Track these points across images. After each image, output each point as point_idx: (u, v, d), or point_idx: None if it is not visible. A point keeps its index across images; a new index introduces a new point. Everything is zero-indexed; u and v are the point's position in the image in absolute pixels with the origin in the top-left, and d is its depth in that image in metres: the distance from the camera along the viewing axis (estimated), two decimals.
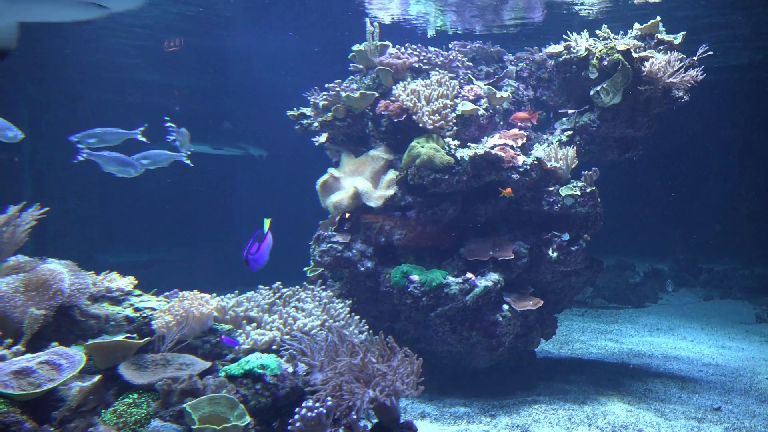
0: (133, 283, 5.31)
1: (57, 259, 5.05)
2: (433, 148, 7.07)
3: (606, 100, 7.65)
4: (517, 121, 7.88)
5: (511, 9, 11.68)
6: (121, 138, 6.65)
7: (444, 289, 7.03)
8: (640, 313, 13.34)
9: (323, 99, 7.76)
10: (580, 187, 7.71)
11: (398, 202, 7.28)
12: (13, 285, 4.14)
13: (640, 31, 7.92)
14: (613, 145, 8.17)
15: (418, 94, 7.27)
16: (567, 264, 7.70)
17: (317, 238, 7.47)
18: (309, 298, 6.62)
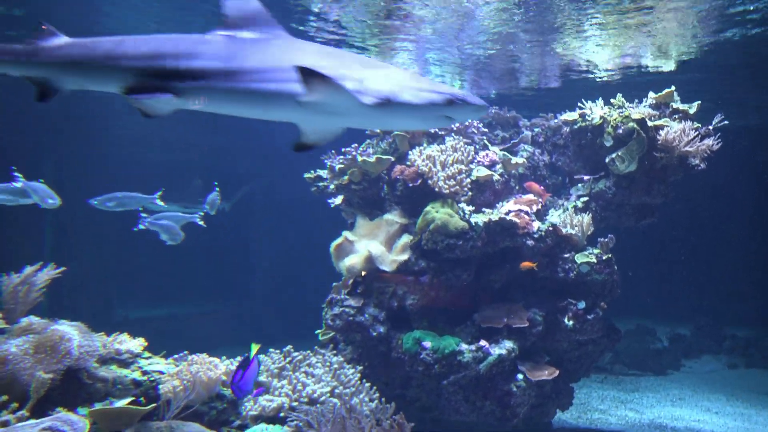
0: (143, 345, 5.30)
1: (69, 320, 5.08)
2: (448, 213, 7.08)
3: (621, 168, 7.65)
4: (530, 190, 7.89)
5: (527, 75, 11.87)
6: (139, 203, 6.79)
7: (457, 356, 6.92)
8: (661, 381, 12.97)
9: (340, 162, 7.86)
10: (596, 255, 7.64)
11: (412, 267, 7.25)
12: (23, 347, 4.15)
13: (655, 99, 7.98)
14: (630, 212, 8.13)
15: (433, 160, 7.33)
16: (583, 333, 7.57)
17: (330, 302, 7.44)
18: (319, 363, 6.55)
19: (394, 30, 9.26)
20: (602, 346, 8.06)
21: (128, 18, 8.81)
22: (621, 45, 9.84)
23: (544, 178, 8.67)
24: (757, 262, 18.91)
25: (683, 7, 8.20)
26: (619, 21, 8.79)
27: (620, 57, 10.52)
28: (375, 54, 10.54)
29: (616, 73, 11.59)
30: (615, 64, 10.96)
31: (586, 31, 9.19)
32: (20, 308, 4.65)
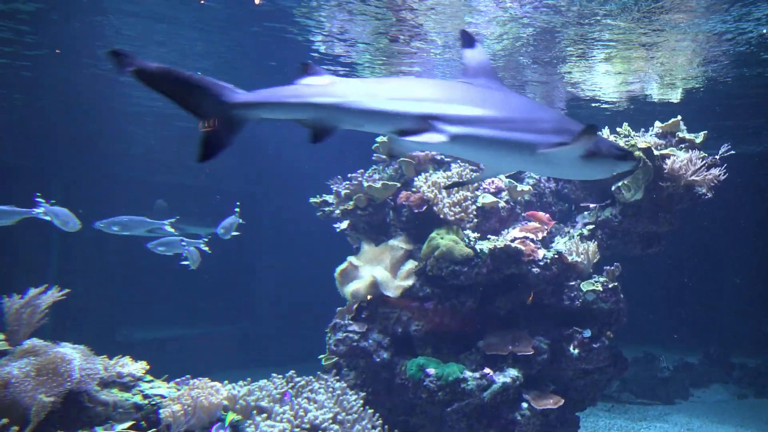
0: (145, 368, 5.29)
1: (72, 342, 5.08)
2: (453, 239, 7.08)
3: (627, 196, 7.64)
4: (534, 219, 7.87)
5: None
6: (146, 227, 6.84)
7: (461, 384, 6.86)
8: (669, 411, 12.80)
9: (346, 188, 7.90)
10: (602, 283, 7.60)
11: (416, 293, 7.23)
12: (24, 369, 4.15)
13: (662, 129, 7.99)
14: (636, 240, 8.10)
15: (439, 186, 7.35)
16: (589, 361, 7.51)
17: (333, 327, 7.42)
18: (322, 389, 6.51)
19: (401, 57, 9.36)
20: (609, 374, 7.98)
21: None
22: (626, 75, 9.91)
23: (550, 206, 8.67)
24: (767, 290, 18.75)
25: (686, 45, 8.26)
26: (624, 53, 8.85)
27: (626, 86, 10.58)
28: (384, 73, 10.63)
29: (622, 102, 11.64)
30: (621, 93, 11.02)
31: (591, 61, 9.25)
32: (23, 330, 4.66)
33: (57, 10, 7.81)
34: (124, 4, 7.58)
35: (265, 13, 7.80)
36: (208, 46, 9.02)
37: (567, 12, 7.70)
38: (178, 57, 9.45)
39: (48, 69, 10.30)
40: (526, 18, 7.91)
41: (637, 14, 7.75)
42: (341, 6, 7.50)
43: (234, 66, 10.09)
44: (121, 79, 10.92)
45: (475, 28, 8.27)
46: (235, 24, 8.13)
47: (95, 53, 9.60)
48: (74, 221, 6.74)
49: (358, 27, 8.25)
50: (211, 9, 7.59)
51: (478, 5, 7.57)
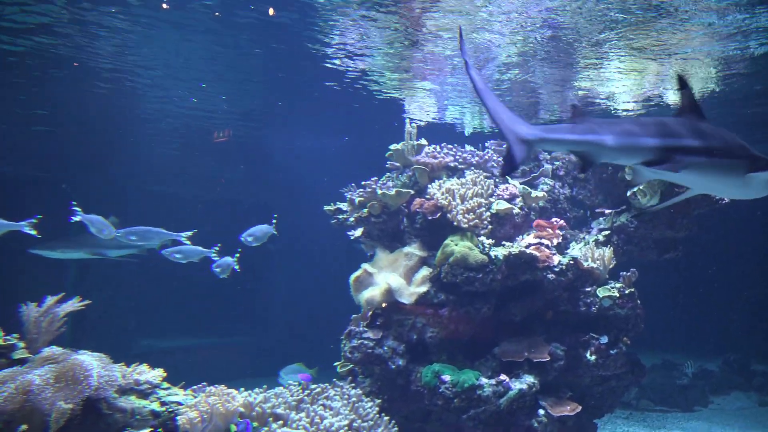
0: (162, 375, 5.33)
1: (90, 351, 5.14)
2: (467, 246, 7.07)
3: (643, 202, 7.60)
4: (540, 227, 7.81)
5: (547, 109, 11.93)
6: (163, 238, 6.92)
7: (477, 390, 6.84)
8: (689, 418, 12.64)
9: (359, 195, 7.92)
10: (619, 289, 7.55)
11: (431, 300, 7.22)
12: (44, 377, 4.21)
13: None
14: (652, 245, 8.05)
15: (452, 193, 7.36)
16: (606, 368, 7.45)
17: (348, 334, 7.43)
18: (337, 396, 6.52)
19: (414, 67, 9.40)
20: (626, 381, 7.91)
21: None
22: (641, 80, 9.87)
23: (565, 212, 8.64)
24: None
25: (701, 52, 8.22)
26: (638, 58, 8.83)
27: (641, 91, 10.54)
28: (396, 91, 10.69)
29: (637, 106, 11.60)
30: (636, 98, 10.98)
31: (605, 68, 9.23)
32: (43, 338, 4.72)
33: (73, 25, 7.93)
34: (139, 18, 7.68)
35: (278, 24, 7.86)
36: (218, 53, 9.08)
37: (577, 25, 7.71)
38: (187, 64, 9.54)
39: (64, 81, 10.46)
40: (539, 30, 7.91)
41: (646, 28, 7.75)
42: (356, 21, 7.56)
43: (243, 72, 10.17)
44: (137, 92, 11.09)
45: (488, 39, 8.28)
46: (246, 31, 8.19)
47: (110, 67, 9.75)
48: (109, 228, 6.90)
49: (374, 39, 8.30)
50: (222, 19, 7.67)
51: (492, 19, 7.56)
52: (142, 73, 9.86)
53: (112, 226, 6.99)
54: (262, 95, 11.57)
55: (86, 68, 9.70)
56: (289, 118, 13.29)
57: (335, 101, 11.48)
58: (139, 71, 9.79)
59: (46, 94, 11.08)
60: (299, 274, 18.41)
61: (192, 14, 7.45)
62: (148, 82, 10.36)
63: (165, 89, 10.85)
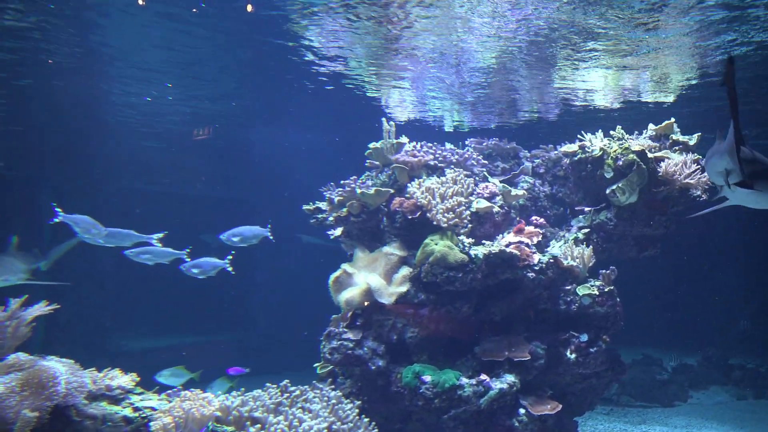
0: (135, 380, 5.21)
1: (65, 352, 5.01)
2: (447, 245, 7.02)
3: (622, 200, 7.60)
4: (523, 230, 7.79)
5: (527, 107, 11.91)
6: (133, 240, 6.78)
7: (457, 391, 6.79)
8: (669, 414, 12.71)
9: (339, 194, 7.83)
10: (598, 287, 7.55)
11: (411, 299, 7.17)
12: (9, 385, 4.08)
13: (655, 131, 7.96)
14: (631, 243, 8.06)
15: (432, 192, 7.30)
16: (586, 366, 7.45)
17: (328, 335, 7.34)
18: (317, 398, 6.43)
19: (393, 65, 9.32)
20: (606, 379, 7.93)
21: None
22: (619, 79, 9.88)
23: (545, 209, 8.63)
24: (765, 290, 18.72)
25: (682, 46, 8.24)
26: (617, 56, 8.82)
27: (619, 89, 10.56)
28: (374, 88, 10.59)
29: (616, 104, 11.63)
30: (614, 96, 11.00)
31: (584, 64, 9.22)
32: (9, 344, 4.58)
33: (53, 22, 7.75)
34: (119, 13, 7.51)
35: (257, 21, 7.74)
36: (194, 48, 8.94)
37: (557, 27, 7.67)
38: (167, 58, 9.38)
39: (41, 79, 10.24)
40: (518, 32, 7.87)
41: (627, 28, 7.74)
42: (335, 18, 7.45)
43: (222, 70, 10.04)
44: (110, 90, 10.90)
45: (466, 41, 8.22)
46: (226, 30, 8.06)
47: (91, 65, 9.57)
48: (97, 227, 6.73)
49: (353, 38, 8.21)
50: (204, 14, 7.53)
51: (471, 22, 7.50)
52: (115, 66, 9.68)
53: (99, 225, 6.79)
54: (239, 92, 11.44)
55: (59, 64, 9.50)
56: (268, 116, 13.16)
57: (313, 99, 11.38)
58: (114, 64, 9.60)
59: (15, 91, 10.85)
60: (283, 271, 18.28)
61: (170, 8, 7.29)
62: (120, 76, 10.17)
63: (138, 84, 10.67)
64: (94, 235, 6.82)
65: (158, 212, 15.00)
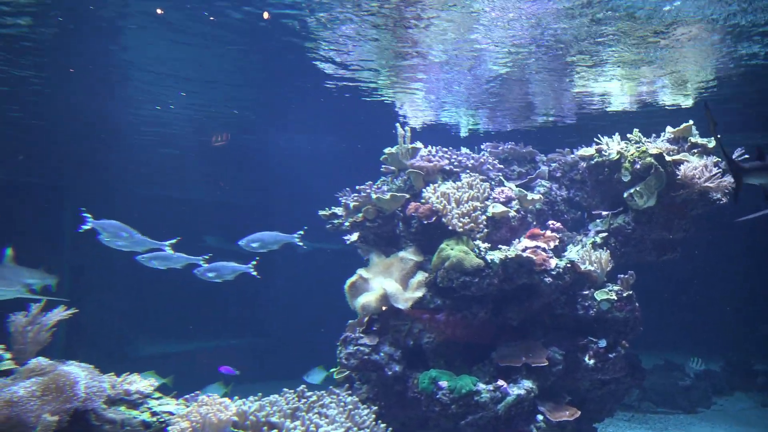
0: (154, 385, 5.26)
1: (86, 357, 5.07)
2: (463, 250, 7.00)
3: (640, 203, 7.53)
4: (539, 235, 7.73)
5: (543, 110, 11.86)
6: (147, 246, 6.82)
7: (474, 396, 6.76)
8: (692, 420, 12.54)
9: (354, 200, 7.85)
10: (617, 291, 7.48)
11: (427, 305, 7.16)
12: (30, 389, 4.14)
13: (673, 134, 7.88)
14: (650, 247, 7.98)
15: (447, 197, 7.29)
16: (605, 372, 7.38)
17: (344, 340, 7.35)
18: (334, 404, 6.44)
19: (407, 69, 9.33)
20: (626, 384, 7.85)
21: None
22: (636, 83, 9.81)
23: (562, 214, 8.58)
24: None
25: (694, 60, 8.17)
26: (634, 58, 8.76)
27: (636, 93, 10.47)
28: (389, 94, 10.62)
29: (633, 108, 11.53)
30: (630, 99, 10.92)
31: (601, 68, 9.17)
32: (30, 348, 4.66)
33: (73, 31, 7.88)
34: (138, 22, 7.62)
35: (272, 28, 7.79)
36: (211, 56, 9.03)
37: (572, 32, 7.64)
38: (184, 67, 9.49)
39: (62, 88, 10.41)
40: (533, 38, 7.84)
41: (642, 33, 7.68)
42: (348, 23, 7.48)
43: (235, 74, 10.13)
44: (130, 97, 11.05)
45: (480, 45, 8.21)
46: (242, 35, 8.13)
47: (110, 73, 9.71)
48: (127, 230, 6.75)
49: (368, 45, 8.23)
50: (219, 23, 7.61)
51: (484, 25, 7.48)
52: (133, 75, 9.81)
53: (130, 228, 6.80)
54: (256, 99, 11.53)
55: (80, 73, 9.65)
56: (284, 122, 13.24)
57: (328, 105, 11.43)
58: (132, 73, 9.73)
59: (40, 102, 11.04)
60: (300, 276, 18.32)
61: (186, 17, 7.37)
62: (140, 85, 10.31)
63: (157, 92, 10.81)
64: (123, 240, 6.84)
65: (170, 216, 15.15)
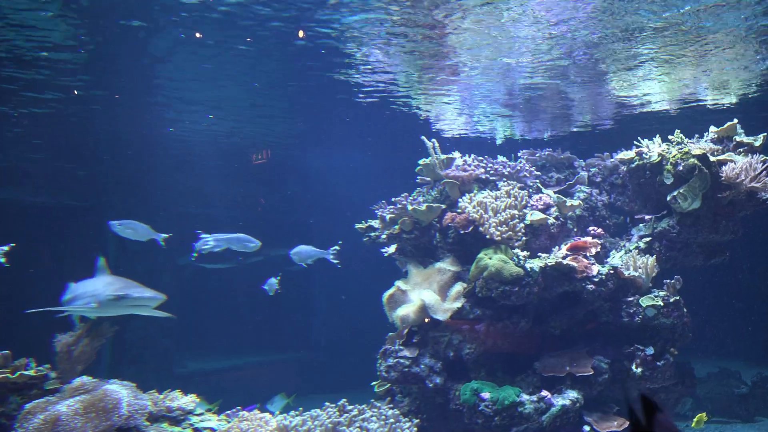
0: (195, 401, 5.32)
1: (128, 376, 5.17)
2: (502, 259, 6.91)
3: (684, 206, 7.31)
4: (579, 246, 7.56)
5: (580, 115, 11.67)
6: (150, 236, 7.07)
7: (518, 408, 6.64)
8: (750, 429, 12.06)
9: (390, 212, 7.83)
10: (663, 297, 7.27)
11: (467, 315, 7.08)
12: (73, 407, 4.24)
13: (717, 134, 7.65)
14: (697, 251, 7.74)
15: (484, 206, 7.22)
16: (653, 380, 7.16)
17: (384, 353, 7.32)
18: (375, 417, 6.41)
19: (442, 81, 9.30)
20: (677, 393, 7.62)
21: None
22: (676, 83, 9.56)
23: (604, 219, 8.40)
24: None
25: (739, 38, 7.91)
26: (672, 59, 8.55)
27: (677, 94, 10.22)
28: (423, 98, 10.61)
29: (673, 109, 11.26)
30: (671, 100, 10.65)
31: (638, 71, 8.97)
32: (75, 367, 4.77)
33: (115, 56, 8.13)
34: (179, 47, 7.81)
35: (306, 46, 7.88)
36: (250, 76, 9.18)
37: (608, 31, 7.50)
38: (220, 87, 9.67)
39: (105, 112, 10.74)
40: (566, 37, 7.72)
41: (683, 29, 7.49)
42: (381, 40, 7.52)
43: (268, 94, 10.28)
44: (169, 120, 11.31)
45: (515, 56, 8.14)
46: (275, 55, 8.24)
47: (150, 98, 9.98)
48: (255, 242, 7.51)
49: (401, 58, 8.25)
50: (253, 43, 7.73)
51: (517, 32, 7.41)
52: (172, 98, 10.05)
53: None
54: (291, 117, 11.69)
55: (124, 99, 9.95)
56: (320, 138, 13.39)
57: (363, 120, 11.50)
58: (171, 96, 9.97)
59: (80, 128, 11.42)
60: (342, 290, 18.39)
61: (226, 39, 7.52)
62: (176, 104, 10.55)
63: (193, 114, 11.05)
64: (250, 249, 7.70)
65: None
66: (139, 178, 13.72)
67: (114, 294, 5.01)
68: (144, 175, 13.80)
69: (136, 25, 6.99)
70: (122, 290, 5.03)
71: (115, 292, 5.00)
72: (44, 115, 10.51)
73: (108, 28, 7.20)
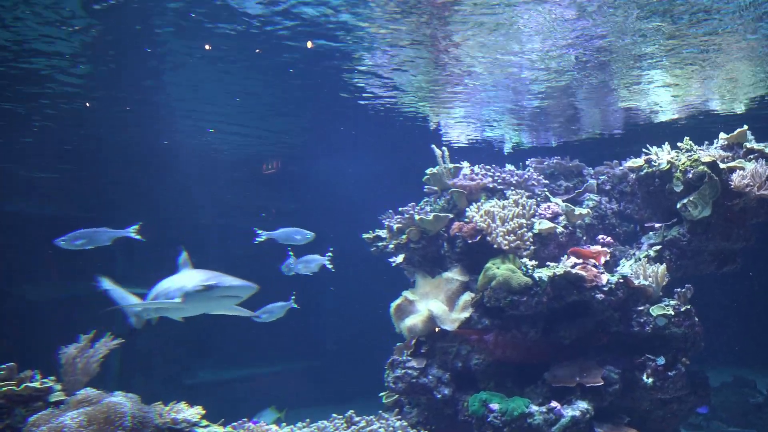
0: (201, 413, 5.30)
1: (141, 384, 5.15)
2: (510, 269, 6.86)
3: (695, 213, 7.23)
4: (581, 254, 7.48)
5: (588, 123, 11.61)
6: (111, 237, 6.74)
7: (527, 419, 6.57)
8: None
9: (397, 222, 7.81)
10: (674, 306, 7.18)
11: (475, 325, 7.02)
12: (77, 419, 4.23)
13: (727, 140, 7.57)
14: (708, 259, 7.64)
15: (492, 215, 7.17)
16: (665, 391, 7.06)
17: (391, 363, 7.28)
18: (382, 429, 6.37)
19: (450, 91, 9.29)
20: (689, 403, 7.49)
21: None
22: (684, 91, 9.50)
23: (614, 227, 8.33)
24: None
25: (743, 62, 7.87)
26: (681, 68, 8.50)
27: (685, 102, 10.15)
28: (429, 108, 10.61)
29: (682, 117, 11.18)
30: (680, 109, 10.58)
31: (645, 82, 8.92)
32: (80, 379, 4.77)
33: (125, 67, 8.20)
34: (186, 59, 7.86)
35: (315, 55, 7.89)
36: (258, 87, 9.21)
37: (613, 39, 7.47)
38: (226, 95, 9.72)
39: (116, 123, 10.81)
40: (573, 49, 7.70)
41: (686, 32, 7.45)
42: (389, 51, 7.52)
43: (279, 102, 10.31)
44: None
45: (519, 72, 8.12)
46: (283, 64, 8.26)
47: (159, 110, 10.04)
48: (304, 234, 7.98)
49: (409, 67, 8.25)
50: (260, 56, 7.76)
51: (525, 44, 7.39)
52: (178, 106, 10.10)
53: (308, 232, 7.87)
54: (299, 124, 11.71)
55: (135, 110, 10.01)
56: (325, 147, 13.41)
57: (368, 128, 11.51)
58: (175, 104, 10.02)
59: (90, 139, 11.49)
60: (353, 299, 18.35)
61: (231, 50, 7.55)
62: (186, 113, 10.60)
63: (203, 125, 11.10)
64: (298, 241, 8.13)
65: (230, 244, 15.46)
66: (146, 190, 13.81)
67: (202, 284, 4.73)
68: (152, 187, 13.88)
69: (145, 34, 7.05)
70: (211, 280, 4.71)
71: (204, 282, 4.72)
72: (53, 126, 10.59)
73: (120, 42, 7.27)
